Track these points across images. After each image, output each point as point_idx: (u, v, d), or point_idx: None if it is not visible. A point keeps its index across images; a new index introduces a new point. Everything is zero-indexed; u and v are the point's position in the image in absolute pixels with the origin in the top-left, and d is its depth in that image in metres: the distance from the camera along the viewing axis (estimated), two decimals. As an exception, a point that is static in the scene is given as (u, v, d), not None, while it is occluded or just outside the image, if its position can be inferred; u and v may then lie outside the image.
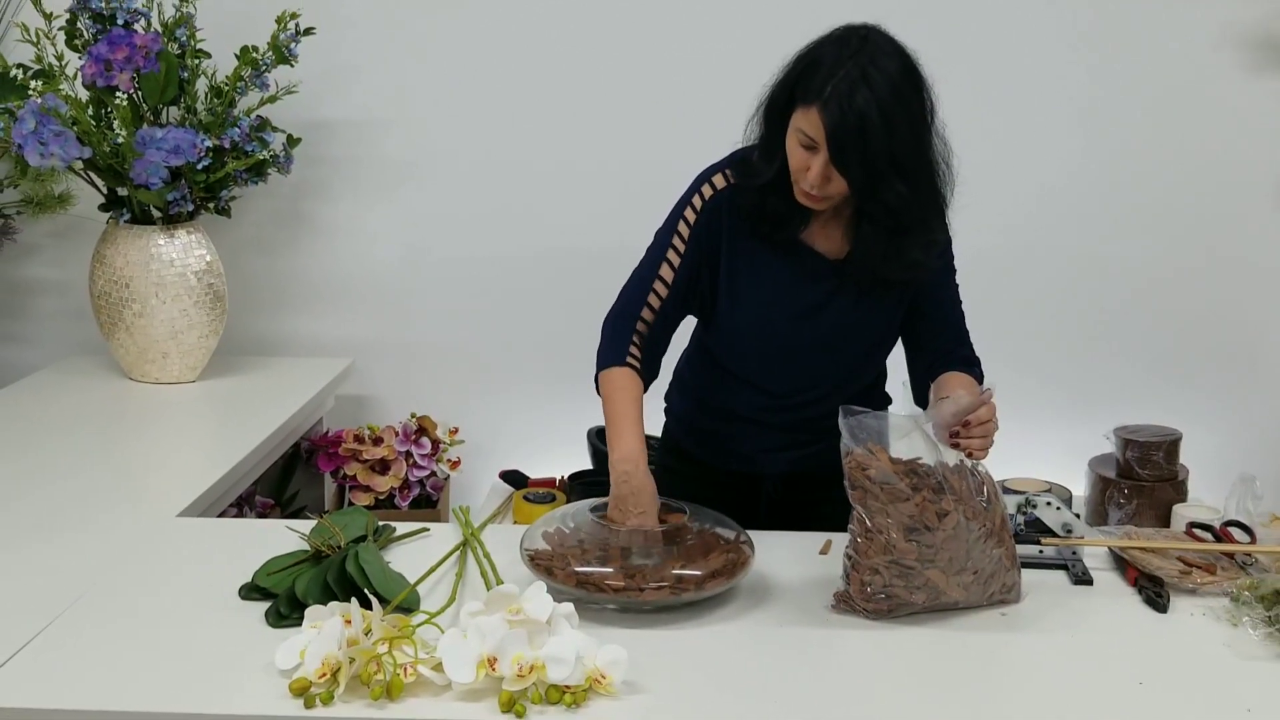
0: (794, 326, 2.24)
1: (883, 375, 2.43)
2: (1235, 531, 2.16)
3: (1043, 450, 3.34)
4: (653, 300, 2.23)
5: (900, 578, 1.87)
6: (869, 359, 2.35)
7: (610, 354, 2.22)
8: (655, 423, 2.51)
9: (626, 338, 2.22)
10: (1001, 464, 3.01)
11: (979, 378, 2.27)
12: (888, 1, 3.26)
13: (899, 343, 2.35)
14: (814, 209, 2.12)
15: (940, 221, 2.19)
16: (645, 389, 2.21)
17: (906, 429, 1.94)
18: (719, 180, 2.23)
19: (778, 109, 2.10)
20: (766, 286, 2.23)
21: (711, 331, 2.33)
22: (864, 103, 1.94)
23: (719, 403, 2.40)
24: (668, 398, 2.53)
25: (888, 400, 2.43)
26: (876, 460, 1.88)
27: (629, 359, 2.21)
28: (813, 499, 2.31)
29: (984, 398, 1.98)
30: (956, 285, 2.31)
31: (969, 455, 1.96)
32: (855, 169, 1.99)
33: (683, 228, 2.23)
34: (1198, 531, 2.18)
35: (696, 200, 2.23)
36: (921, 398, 2.26)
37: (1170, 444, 3.17)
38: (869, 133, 1.95)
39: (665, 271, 2.23)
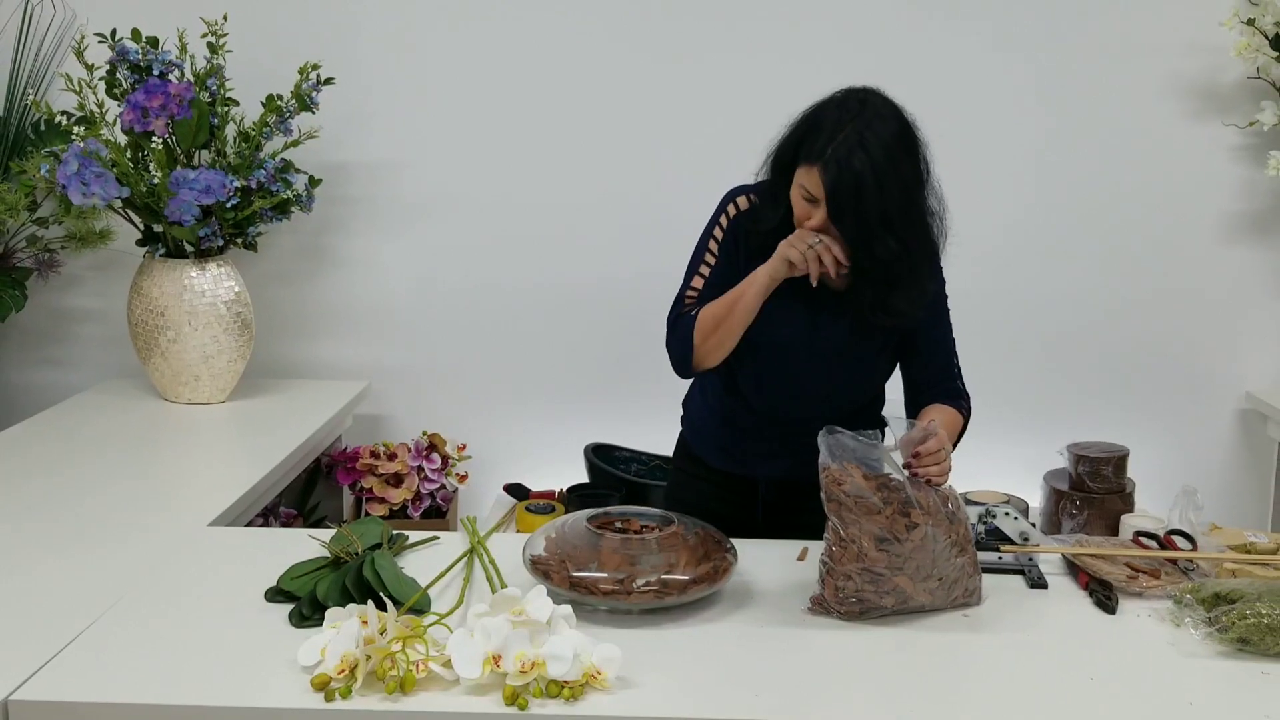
0: (793, 349, 2.25)
1: (879, 399, 2.43)
2: (1178, 539, 2.17)
3: (1002, 465, 3.35)
4: (691, 294, 2.25)
5: (871, 583, 1.87)
6: (861, 383, 2.35)
7: (679, 325, 2.23)
8: (670, 435, 2.53)
9: (679, 312, 2.25)
10: (963, 477, 3.02)
11: (964, 410, 2.28)
12: (864, 61, 3.31)
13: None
14: None
15: (930, 270, 2.20)
16: None
17: (877, 455, 1.95)
18: (742, 201, 2.26)
19: (783, 163, 2.13)
20: (772, 311, 2.21)
21: None
22: (860, 165, 1.97)
23: (725, 413, 2.41)
24: (685, 405, 2.54)
25: (881, 423, 2.43)
26: (851, 476, 1.89)
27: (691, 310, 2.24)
28: (806, 505, 2.31)
29: (929, 429, 2.00)
30: (949, 324, 2.33)
31: (928, 482, 1.97)
32: (850, 225, 2.02)
33: (713, 245, 2.27)
34: (1143, 540, 2.18)
35: (723, 219, 2.27)
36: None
37: (1118, 459, 3.18)
38: (863, 193, 1.98)
39: (704, 270, 2.26)
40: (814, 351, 2.26)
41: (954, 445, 2.23)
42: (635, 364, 3.51)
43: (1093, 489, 3.17)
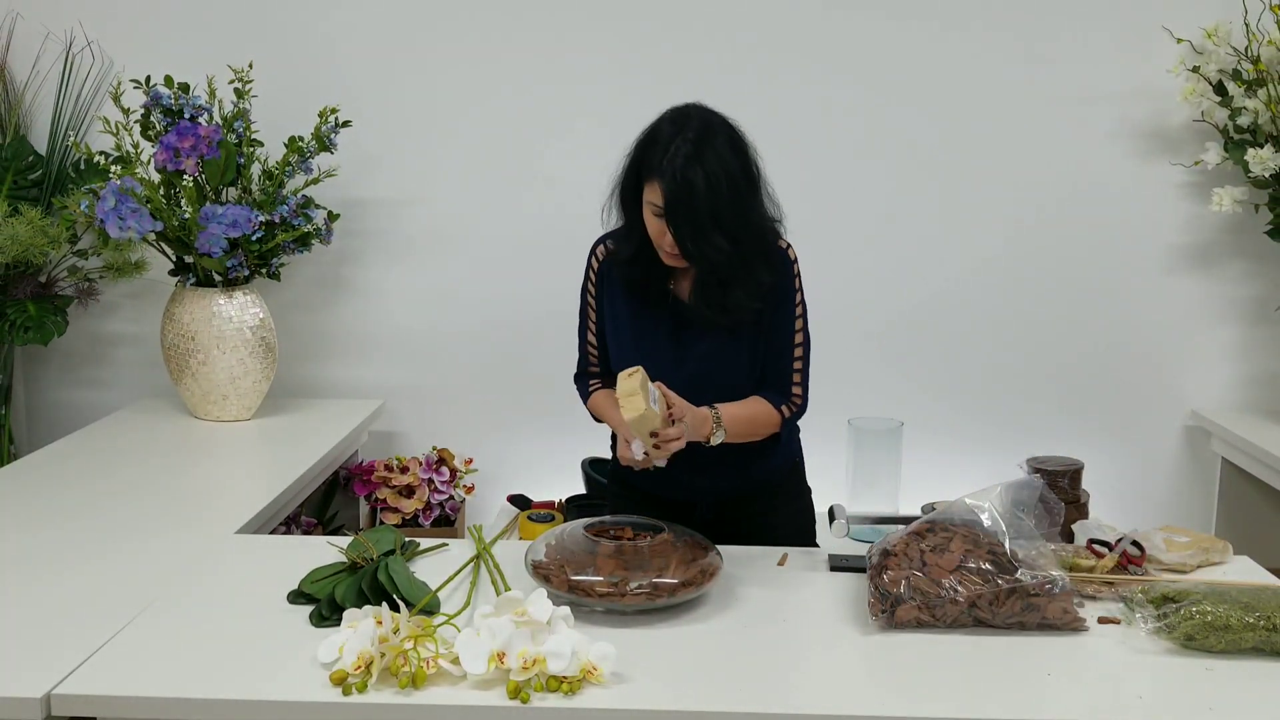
0: (673, 368, 2.18)
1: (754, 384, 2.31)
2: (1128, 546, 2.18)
3: (967, 476, 3.34)
4: (591, 354, 2.34)
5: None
6: (739, 391, 2.23)
7: (584, 394, 2.36)
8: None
9: (586, 382, 2.36)
10: (931, 488, 3.04)
11: (781, 409, 2.22)
12: (830, 97, 3.30)
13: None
14: (676, 266, 2.12)
15: (765, 266, 2.12)
16: None
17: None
18: (601, 250, 2.28)
19: (630, 190, 2.11)
20: (647, 335, 2.21)
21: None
22: (691, 170, 1.96)
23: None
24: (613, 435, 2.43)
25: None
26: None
27: (594, 390, 2.34)
28: (743, 514, 2.33)
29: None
30: (795, 325, 2.22)
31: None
32: (684, 225, 2.00)
33: (587, 297, 2.31)
34: (1097, 546, 2.19)
35: (590, 272, 2.30)
36: None
37: (1074, 472, 3.18)
38: (694, 195, 1.96)
39: (590, 327, 2.33)
40: (694, 365, 2.19)
41: (761, 437, 2.21)
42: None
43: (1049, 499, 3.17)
